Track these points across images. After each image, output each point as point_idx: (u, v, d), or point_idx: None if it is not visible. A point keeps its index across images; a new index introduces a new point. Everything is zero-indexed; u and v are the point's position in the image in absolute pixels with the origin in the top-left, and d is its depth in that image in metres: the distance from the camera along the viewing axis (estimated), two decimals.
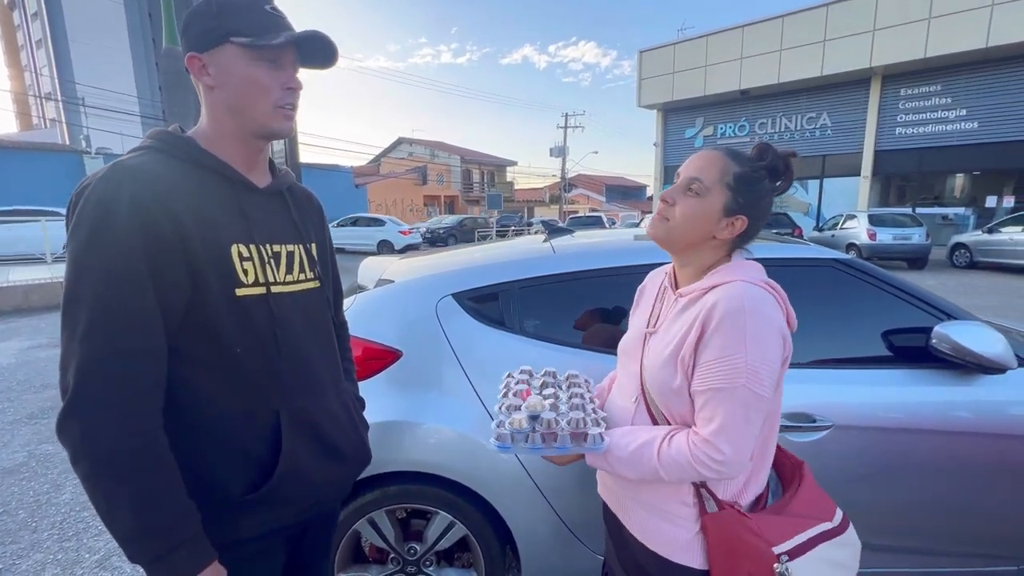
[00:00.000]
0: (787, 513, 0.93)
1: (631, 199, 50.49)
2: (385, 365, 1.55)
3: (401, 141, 41.91)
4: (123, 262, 0.72)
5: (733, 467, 0.84)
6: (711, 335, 0.84)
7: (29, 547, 2.21)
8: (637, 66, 20.19)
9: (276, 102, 0.85)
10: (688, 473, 0.86)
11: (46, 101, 43.79)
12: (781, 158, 0.93)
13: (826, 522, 0.94)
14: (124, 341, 0.72)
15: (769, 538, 0.86)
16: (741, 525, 0.87)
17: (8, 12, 51.11)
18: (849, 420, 1.45)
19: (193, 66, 0.84)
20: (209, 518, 0.81)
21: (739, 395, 0.82)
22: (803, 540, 0.89)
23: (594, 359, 1.51)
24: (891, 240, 11.48)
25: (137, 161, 0.79)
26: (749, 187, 0.91)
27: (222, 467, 0.84)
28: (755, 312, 0.83)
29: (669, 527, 0.93)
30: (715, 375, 0.83)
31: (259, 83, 0.83)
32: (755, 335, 0.82)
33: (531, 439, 0.91)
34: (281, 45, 0.82)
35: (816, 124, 17.09)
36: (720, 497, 0.91)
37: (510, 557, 1.66)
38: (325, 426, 0.94)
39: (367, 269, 2.03)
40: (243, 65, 0.82)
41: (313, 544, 1.07)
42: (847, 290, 1.63)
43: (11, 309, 7.40)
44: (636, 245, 1.80)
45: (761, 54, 16.83)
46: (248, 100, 0.83)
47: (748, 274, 0.90)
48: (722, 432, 0.83)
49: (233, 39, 0.81)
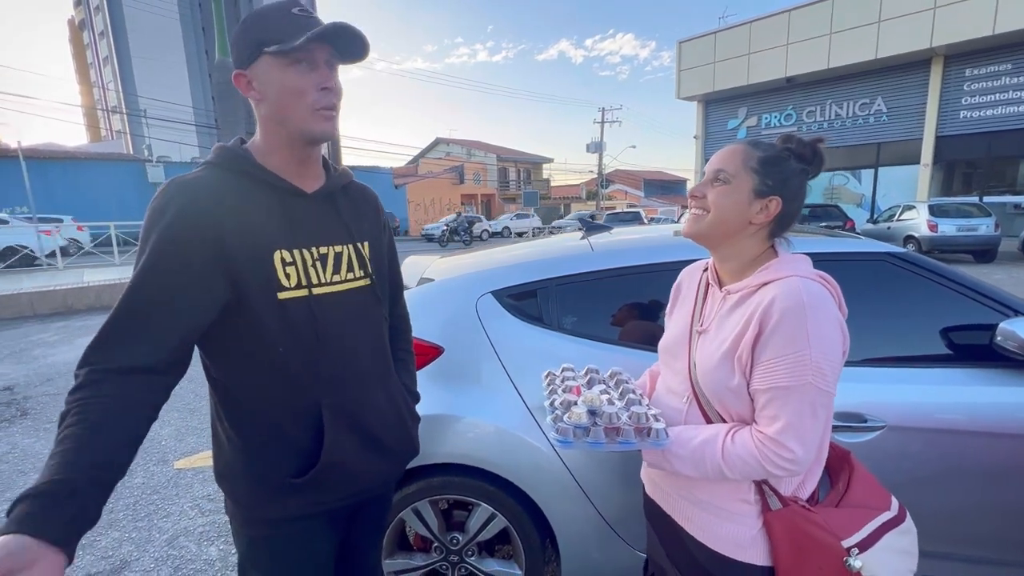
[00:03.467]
0: (848, 504, 0.92)
1: (671, 193, 49.31)
2: (428, 360, 1.60)
3: (439, 141, 42.52)
4: (159, 263, 0.79)
5: (802, 464, 0.83)
6: (771, 333, 0.83)
7: (107, 526, 2.41)
8: (676, 57, 19.68)
9: (313, 104, 0.86)
10: (755, 471, 0.85)
11: (112, 114, 47.08)
12: (807, 144, 0.92)
13: (886, 511, 0.92)
14: (132, 323, 0.78)
15: (837, 531, 0.85)
16: (807, 520, 0.86)
17: (79, 32, 55.12)
18: (903, 421, 1.39)
19: (240, 84, 0.88)
20: (261, 497, 0.92)
21: (805, 392, 0.81)
22: (870, 531, 0.88)
23: (632, 356, 1.51)
24: (955, 232, 10.74)
25: (192, 176, 0.86)
26: (775, 167, 0.91)
27: (272, 454, 0.92)
28: (815, 308, 0.82)
29: (730, 525, 0.92)
30: (779, 373, 0.83)
31: (294, 87, 0.84)
32: (817, 331, 0.81)
33: (592, 434, 0.89)
34: (304, 44, 0.82)
35: (870, 110, 16.16)
36: (782, 493, 0.90)
37: (550, 550, 1.68)
38: (368, 419, 0.98)
39: (409, 267, 2.10)
40: (277, 73, 0.84)
41: (365, 525, 1.12)
42: (901, 285, 1.56)
43: (85, 308, 8.02)
44: (675, 241, 1.78)
45: (809, 39, 16.05)
46: (286, 106, 0.85)
47: (801, 268, 0.89)
48: (789, 430, 0.82)
49: (265, 50, 0.83)
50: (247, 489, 0.93)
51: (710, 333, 0.96)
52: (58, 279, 9.28)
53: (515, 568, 1.67)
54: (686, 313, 1.05)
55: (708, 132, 20.12)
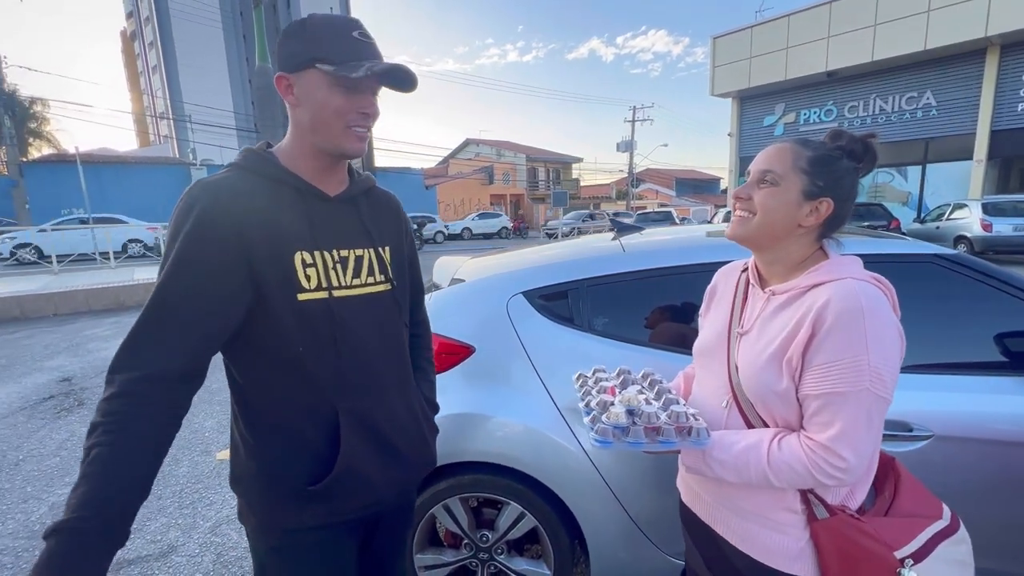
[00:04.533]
0: (898, 513, 0.88)
1: (703, 192, 48.28)
2: (459, 360, 1.63)
3: (468, 142, 42.85)
4: (185, 265, 0.80)
5: (855, 474, 0.80)
6: (825, 336, 0.80)
7: (156, 511, 2.55)
8: (710, 53, 19.23)
9: (349, 124, 0.88)
10: (803, 480, 0.82)
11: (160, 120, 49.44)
12: (859, 140, 0.89)
13: (939, 519, 0.88)
14: (161, 326, 0.79)
15: (889, 542, 0.82)
16: (857, 530, 0.83)
17: (130, 43, 58.12)
18: (952, 430, 1.33)
19: (280, 85, 0.88)
20: (275, 504, 0.92)
21: (862, 399, 0.78)
22: (924, 541, 0.84)
23: (663, 357, 1.50)
24: (1011, 231, 10.13)
25: (217, 178, 0.87)
26: (826, 167, 0.88)
27: (287, 459, 0.91)
28: (873, 311, 0.80)
29: (775, 535, 0.89)
30: (834, 378, 0.79)
31: (336, 108, 0.86)
32: (876, 335, 0.78)
33: (632, 433, 0.87)
34: (360, 79, 0.84)
35: (917, 104, 15.39)
36: (829, 502, 0.87)
37: (579, 551, 1.68)
38: (385, 427, 0.96)
39: (441, 268, 2.13)
40: (324, 90, 0.85)
41: (387, 535, 1.10)
42: (951, 288, 1.50)
43: (135, 304, 8.47)
44: (708, 242, 1.75)
45: (852, 31, 15.40)
46: (324, 121, 0.87)
47: (855, 270, 0.86)
48: (843, 438, 0.79)
49: (318, 65, 0.84)
50: (261, 494, 0.92)
51: (752, 335, 0.93)
52: (112, 277, 9.82)
53: (544, 568, 1.68)
54: (723, 315, 1.03)
55: (743, 129, 19.57)
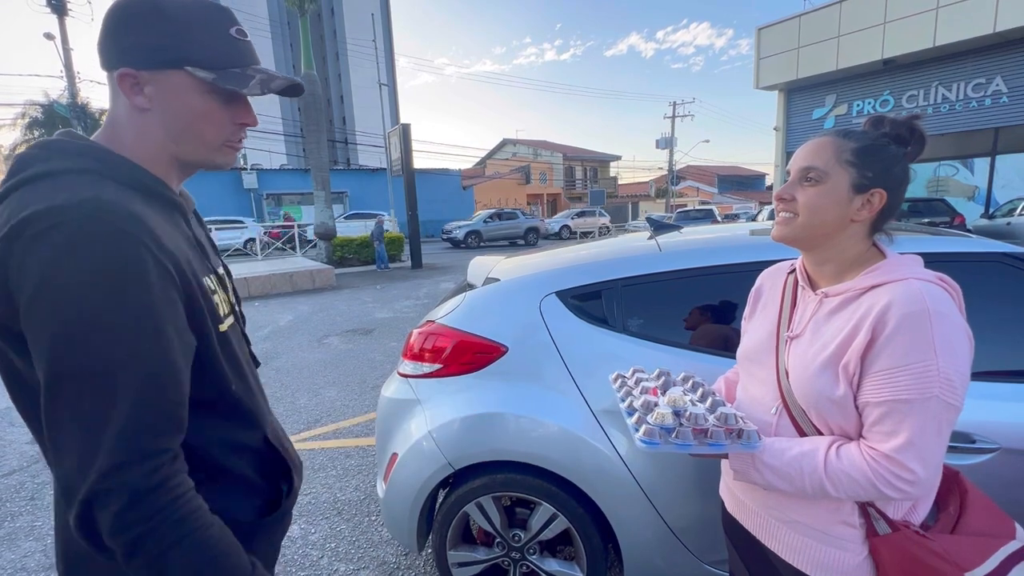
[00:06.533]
0: (966, 531, 0.82)
1: (747, 189, 46.68)
2: (493, 359, 1.63)
3: (505, 142, 43.02)
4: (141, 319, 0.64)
5: (923, 487, 0.75)
6: (887, 340, 0.76)
7: None
8: (755, 45, 18.54)
9: (227, 138, 0.76)
10: (865, 491, 0.78)
11: None
12: (903, 123, 0.83)
13: (1012, 539, 0.82)
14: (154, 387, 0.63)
15: (960, 562, 0.77)
16: (924, 548, 0.77)
17: None
18: (1021, 443, 1.23)
19: (123, 83, 0.68)
20: None
21: (931, 407, 0.74)
22: (998, 563, 0.78)
23: (701, 360, 1.45)
24: None
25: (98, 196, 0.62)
26: (874, 156, 0.82)
27: (237, 500, 0.80)
28: (941, 314, 0.75)
29: (831, 550, 0.85)
30: (900, 385, 0.75)
31: (211, 118, 0.73)
32: (945, 339, 0.74)
33: (679, 435, 0.84)
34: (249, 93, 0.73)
35: (986, 91, 14.31)
36: (891, 516, 0.82)
37: (612, 555, 1.66)
38: (286, 443, 0.95)
39: (476, 268, 2.14)
40: (196, 97, 0.71)
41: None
42: (1020, 289, 1.38)
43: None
44: (747, 241, 1.69)
45: (911, 15, 14.50)
46: (195, 132, 0.73)
47: (917, 270, 0.81)
48: (910, 448, 0.74)
49: (189, 68, 0.69)
50: None
51: (804, 339, 0.89)
52: None
53: (576, 570, 1.66)
54: (771, 318, 0.99)
55: (790, 123, 18.76)
